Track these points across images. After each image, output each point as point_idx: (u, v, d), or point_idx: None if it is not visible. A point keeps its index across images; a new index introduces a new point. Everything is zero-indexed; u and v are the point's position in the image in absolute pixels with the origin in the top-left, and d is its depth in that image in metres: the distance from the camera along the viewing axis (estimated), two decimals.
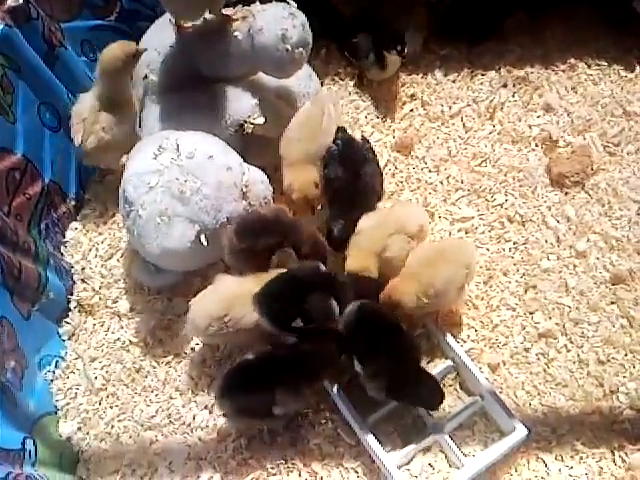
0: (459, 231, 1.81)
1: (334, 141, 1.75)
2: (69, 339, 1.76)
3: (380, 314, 1.50)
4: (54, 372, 1.70)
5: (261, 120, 1.78)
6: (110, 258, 1.87)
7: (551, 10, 2.16)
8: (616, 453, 1.47)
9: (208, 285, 1.59)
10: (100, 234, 1.92)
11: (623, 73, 2.06)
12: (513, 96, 2.04)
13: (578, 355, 1.59)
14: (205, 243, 1.59)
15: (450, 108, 2.04)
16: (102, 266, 1.86)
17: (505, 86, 2.06)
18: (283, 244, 1.57)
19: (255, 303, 1.46)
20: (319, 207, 1.75)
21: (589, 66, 2.08)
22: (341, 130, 1.81)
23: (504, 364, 1.60)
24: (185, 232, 1.58)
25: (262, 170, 1.76)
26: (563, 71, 2.08)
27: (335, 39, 2.15)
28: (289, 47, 1.68)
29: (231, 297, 1.52)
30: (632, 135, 1.92)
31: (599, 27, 2.14)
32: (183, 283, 1.76)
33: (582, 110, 1.98)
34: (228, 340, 1.62)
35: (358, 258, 1.56)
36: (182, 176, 1.59)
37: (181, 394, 1.64)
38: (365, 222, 1.61)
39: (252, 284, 1.51)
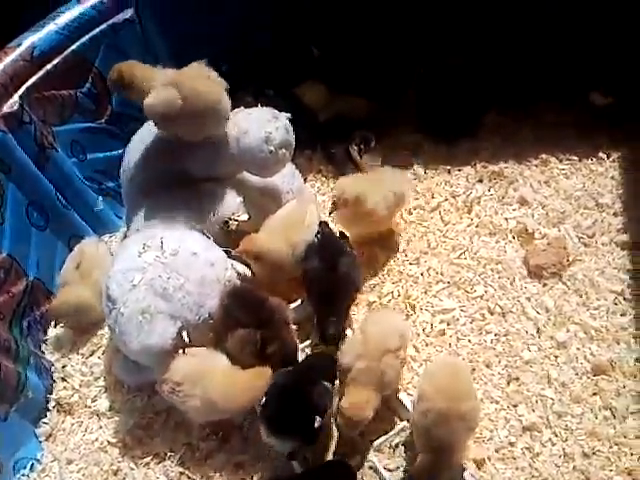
0: (441, 322, 1.81)
1: (315, 235, 1.80)
2: (46, 440, 1.73)
3: None
4: (29, 476, 1.65)
5: (245, 217, 1.83)
6: (91, 355, 1.86)
7: (522, 110, 2.28)
8: None
9: None
10: (82, 332, 1.91)
11: (593, 167, 2.14)
12: (489, 190, 2.12)
13: (563, 449, 1.57)
14: (187, 340, 1.59)
15: (429, 203, 2.10)
16: (83, 364, 1.85)
17: (481, 181, 2.15)
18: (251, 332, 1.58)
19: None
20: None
21: (561, 161, 2.17)
22: (323, 224, 1.86)
23: (489, 459, 1.57)
24: (167, 329, 1.58)
25: (246, 264, 1.78)
26: (536, 166, 2.16)
27: (315, 145, 2.29)
28: (273, 148, 1.76)
29: (191, 374, 1.55)
30: (605, 226, 1.97)
31: (568, 125, 2.24)
32: None
33: (556, 203, 2.04)
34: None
35: (359, 397, 1.51)
36: (165, 273, 1.61)
37: None
38: (347, 359, 1.55)
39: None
